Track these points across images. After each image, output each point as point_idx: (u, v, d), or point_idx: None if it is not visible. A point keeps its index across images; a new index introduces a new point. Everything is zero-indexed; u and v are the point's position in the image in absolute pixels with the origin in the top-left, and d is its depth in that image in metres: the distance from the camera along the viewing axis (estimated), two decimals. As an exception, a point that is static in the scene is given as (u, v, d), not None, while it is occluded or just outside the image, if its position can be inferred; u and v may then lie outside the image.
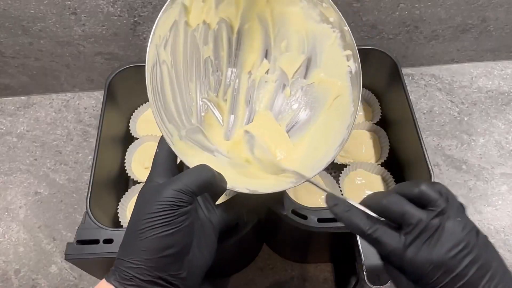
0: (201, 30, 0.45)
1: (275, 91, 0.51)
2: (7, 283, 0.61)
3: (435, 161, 0.71)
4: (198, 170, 0.35)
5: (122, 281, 0.31)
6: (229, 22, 0.47)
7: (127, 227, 0.34)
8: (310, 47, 0.48)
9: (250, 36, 0.49)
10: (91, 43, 0.69)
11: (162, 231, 0.32)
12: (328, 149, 0.43)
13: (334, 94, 0.47)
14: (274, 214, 0.50)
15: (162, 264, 0.32)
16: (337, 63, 0.46)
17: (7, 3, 0.61)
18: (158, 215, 0.32)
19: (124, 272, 0.32)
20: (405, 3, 0.66)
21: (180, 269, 0.33)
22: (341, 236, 0.50)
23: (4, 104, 0.79)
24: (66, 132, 0.75)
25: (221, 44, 0.48)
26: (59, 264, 0.63)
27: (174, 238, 0.32)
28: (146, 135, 0.69)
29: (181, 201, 0.33)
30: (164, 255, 0.32)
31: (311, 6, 0.45)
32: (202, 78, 0.47)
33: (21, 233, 0.65)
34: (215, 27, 0.46)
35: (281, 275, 0.62)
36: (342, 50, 0.45)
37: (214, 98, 0.48)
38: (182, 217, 0.33)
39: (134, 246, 0.32)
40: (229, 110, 0.50)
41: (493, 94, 0.79)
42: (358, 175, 0.65)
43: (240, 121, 0.50)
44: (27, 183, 0.70)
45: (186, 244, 0.34)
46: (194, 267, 0.35)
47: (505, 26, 0.74)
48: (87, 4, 0.62)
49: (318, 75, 0.49)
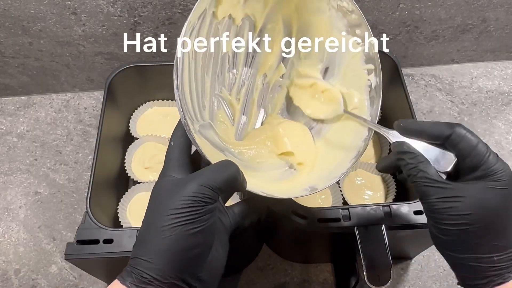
0: (225, 24, 0.43)
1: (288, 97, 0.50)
2: (7, 283, 0.61)
3: (435, 161, 0.71)
4: (224, 165, 0.33)
5: (140, 284, 0.29)
6: (253, 20, 0.46)
7: (143, 223, 0.32)
8: (330, 57, 0.47)
9: (271, 37, 0.48)
10: (91, 43, 0.69)
11: (188, 229, 0.29)
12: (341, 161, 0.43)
13: (351, 106, 0.45)
14: (274, 214, 0.50)
15: (185, 265, 0.30)
16: (357, 76, 0.45)
17: (7, 3, 0.61)
18: (184, 211, 0.30)
19: (142, 273, 0.29)
20: (405, 3, 0.66)
21: (202, 271, 0.31)
22: (341, 236, 0.50)
23: (4, 104, 0.79)
24: (66, 132, 0.75)
25: (241, 42, 0.46)
26: (59, 264, 0.63)
27: (199, 238, 0.30)
28: (146, 135, 0.69)
29: (208, 197, 0.31)
30: (188, 256, 0.30)
31: (340, 16, 0.44)
32: (218, 73, 0.45)
33: (21, 233, 0.65)
34: (239, 22, 0.45)
35: (281, 275, 0.62)
36: (363, 64, 0.44)
37: (227, 95, 0.47)
38: (207, 214, 0.31)
39: (155, 244, 0.30)
40: (241, 110, 0.49)
41: (493, 95, 0.79)
42: (358, 175, 0.65)
43: (251, 123, 0.49)
44: (27, 183, 0.70)
45: (209, 245, 0.32)
46: (213, 269, 0.33)
47: (505, 26, 0.74)
48: (87, 4, 0.62)
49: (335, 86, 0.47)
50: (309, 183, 0.41)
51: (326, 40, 0.46)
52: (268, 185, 0.41)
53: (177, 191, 0.31)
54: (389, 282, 0.45)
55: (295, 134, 0.47)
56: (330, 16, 0.45)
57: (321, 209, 0.50)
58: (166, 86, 0.70)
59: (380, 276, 0.45)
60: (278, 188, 0.41)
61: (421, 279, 0.62)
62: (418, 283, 0.61)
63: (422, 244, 0.60)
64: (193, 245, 0.30)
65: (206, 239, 0.31)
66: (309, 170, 0.44)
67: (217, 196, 0.32)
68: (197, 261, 0.31)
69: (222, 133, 0.45)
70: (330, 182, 0.41)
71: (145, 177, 0.65)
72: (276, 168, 0.45)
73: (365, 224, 0.48)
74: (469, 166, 0.34)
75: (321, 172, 0.43)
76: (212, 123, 0.43)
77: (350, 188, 0.64)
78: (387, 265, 0.45)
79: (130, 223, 0.61)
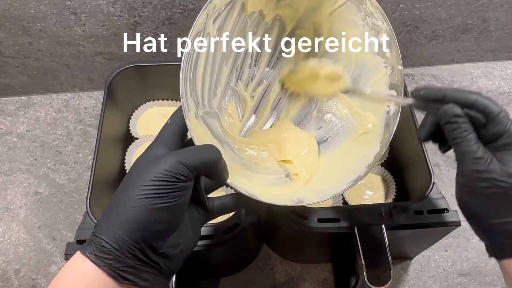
0: (255, 18, 0.43)
1: (305, 107, 0.50)
2: (7, 283, 0.61)
3: (435, 161, 0.71)
4: (206, 148, 0.33)
5: (100, 254, 0.28)
6: (283, 22, 0.45)
7: (115, 193, 0.31)
8: (355, 75, 0.46)
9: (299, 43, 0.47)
10: (91, 43, 0.69)
11: (155, 203, 0.29)
12: (339, 181, 0.42)
13: (363, 129, 0.45)
14: (274, 214, 0.50)
15: (146, 238, 0.29)
16: (377, 100, 0.44)
17: (7, 3, 0.61)
18: (154, 185, 0.29)
19: (102, 241, 0.28)
20: (405, 3, 0.66)
21: (164, 247, 0.31)
22: (341, 236, 0.50)
23: (4, 104, 0.79)
24: (66, 132, 0.75)
25: (268, 41, 0.46)
26: (59, 264, 0.63)
27: (165, 214, 0.30)
28: (146, 135, 0.69)
29: (181, 174, 0.30)
30: (150, 229, 0.29)
31: (372, 34, 0.43)
32: (238, 66, 0.45)
33: (21, 233, 0.65)
34: (269, 21, 0.44)
35: (281, 275, 0.62)
36: (386, 88, 0.44)
37: (242, 90, 0.46)
38: (178, 192, 0.30)
39: (119, 214, 0.29)
40: (253, 109, 0.48)
41: (493, 95, 0.79)
42: (358, 175, 0.65)
43: (260, 123, 0.48)
44: (27, 183, 0.70)
45: (176, 223, 0.32)
46: (177, 250, 0.32)
47: (505, 26, 0.74)
48: (87, 4, 0.62)
49: (353, 106, 0.47)
50: (298, 195, 0.40)
51: (353, 55, 0.45)
52: (256, 186, 0.40)
53: (153, 165, 0.31)
54: (389, 282, 0.44)
55: (300, 144, 0.46)
56: (363, 33, 0.44)
57: (321, 209, 0.50)
58: (166, 86, 0.70)
59: (380, 276, 0.45)
60: (265, 191, 0.40)
61: (421, 279, 0.62)
62: (418, 283, 0.61)
63: (422, 244, 0.60)
64: (157, 220, 0.30)
65: (173, 217, 0.31)
66: (303, 183, 0.43)
67: (192, 175, 0.31)
68: (159, 236, 0.30)
69: (226, 125, 0.44)
70: (320, 199, 0.40)
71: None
72: (271, 173, 0.45)
73: (365, 224, 0.48)
74: (492, 132, 0.35)
75: (314, 187, 0.43)
76: (219, 113, 0.43)
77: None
78: (387, 265, 0.45)
79: (130, 223, 0.61)
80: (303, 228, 0.49)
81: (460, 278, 0.61)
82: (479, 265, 0.62)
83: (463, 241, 0.64)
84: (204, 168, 0.32)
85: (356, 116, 0.47)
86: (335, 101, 0.49)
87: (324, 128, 0.49)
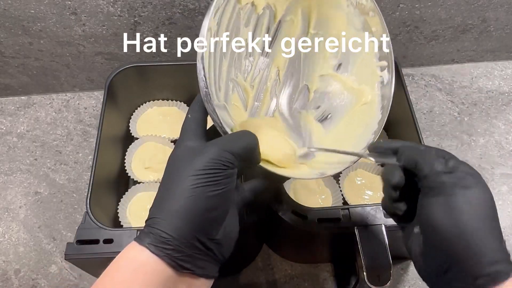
0: (247, 10, 0.44)
1: (300, 90, 0.51)
2: (7, 283, 0.61)
3: (435, 161, 0.71)
4: (244, 133, 0.34)
5: (159, 244, 0.29)
6: (273, 10, 0.46)
7: (160, 188, 0.32)
8: (344, 53, 0.47)
9: (289, 29, 0.48)
10: (91, 43, 0.69)
11: (209, 191, 0.30)
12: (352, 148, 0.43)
13: (361, 101, 0.46)
14: (274, 214, 0.50)
15: (203, 226, 0.30)
16: (370, 72, 0.46)
17: (7, 3, 0.61)
18: (206, 173, 0.30)
19: (161, 232, 0.29)
20: (405, 3, 0.66)
21: (218, 234, 0.31)
22: (341, 236, 0.50)
23: (4, 104, 0.79)
24: (66, 132, 0.75)
25: (260, 31, 0.47)
26: (59, 264, 0.63)
27: (218, 200, 0.31)
28: (146, 135, 0.69)
29: (229, 161, 0.31)
30: (206, 217, 0.30)
31: (357, 13, 0.45)
32: (235, 58, 0.46)
33: (21, 233, 0.65)
34: (260, 11, 0.45)
35: (281, 275, 0.62)
36: (377, 60, 0.45)
37: (242, 81, 0.47)
38: (228, 178, 0.31)
39: (174, 204, 0.30)
40: (254, 97, 0.49)
41: (493, 95, 0.79)
42: (358, 175, 0.65)
43: (263, 110, 0.49)
44: (27, 183, 0.70)
45: (226, 209, 0.32)
46: (228, 235, 0.33)
47: (505, 26, 0.74)
48: (87, 4, 0.62)
49: (347, 82, 0.48)
50: (317, 170, 0.41)
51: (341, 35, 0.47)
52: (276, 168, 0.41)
53: (198, 155, 0.31)
54: (389, 282, 0.45)
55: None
56: (348, 13, 0.45)
57: (321, 209, 0.50)
58: (166, 86, 0.70)
59: (380, 276, 0.45)
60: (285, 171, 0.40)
61: (421, 279, 0.62)
62: (418, 283, 0.61)
63: (422, 244, 0.60)
64: (211, 207, 0.30)
65: (224, 202, 0.32)
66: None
67: (237, 161, 0.32)
68: (214, 223, 0.31)
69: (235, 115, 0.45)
70: (338, 169, 0.41)
71: (145, 177, 0.65)
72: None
73: (365, 224, 0.48)
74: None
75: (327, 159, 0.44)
76: (227, 105, 0.44)
77: (350, 188, 0.64)
78: (387, 265, 0.45)
79: (130, 223, 0.61)
80: (303, 228, 0.49)
81: (460, 278, 0.61)
82: (479, 265, 0.62)
83: (463, 241, 0.64)
84: (245, 154, 0.33)
85: (351, 91, 0.48)
86: (329, 79, 0.50)
87: (323, 107, 0.50)
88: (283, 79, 0.50)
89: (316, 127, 0.49)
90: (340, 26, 0.46)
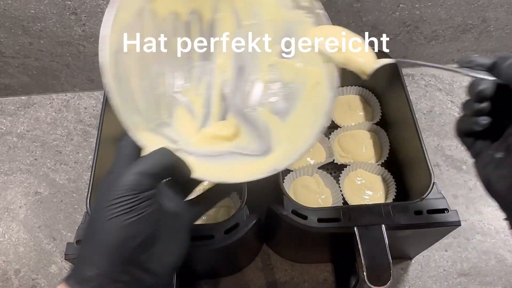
0: (170, 21, 0.42)
1: (252, 84, 0.48)
2: (7, 283, 0.61)
3: (435, 161, 0.71)
4: (158, 152, 0.33)
5: (83, 283, 0.28)
6: (200, 13, 0.45)
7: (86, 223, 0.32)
8: (284, 37, 0.45)
9: (223, 28, 0.46)
10: (91, 43, 0.69)
11: (126, 219, 0.29)
12: (306, 138, 0.41)
13: (312, 83, 0.44)
14: (274, 214, 0.50)
15: (128, 256, 0.29)
16: (313, 52, 0.43)
17: (7, 3, 0.61)
18: (119, 201, 0.29)
19: (85, 271, 0.28)
20: (405, 3, 0.66)
21: (147, 261, 0.30)
22: (341, 236, 0.50)
23: (4, 104, 0.79)
24: (66, 132, 0.75)
25: (193, 36, 0.45)
26: (59, 264, 0.63)
27: (139, 226, 0.30)
28: (146, 135, 0.68)
29: (141, 184, 0.30)
30: (130, 246, 0.29)
31: None
32: (174, 70, 0.44)
33: (21, 233, 0.65)
34: (185, 18, 0.44)
35: (281, 275, 0.62)
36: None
37: (188, 91, 0.46)
38: (145, 202, 0.30)
39: (95, 239, 0.29)
40: (203, 105, 0.47)
41: (493, 94, 0.79)
42: (358, 175, 0.65)
43: (215, 116, 0.48)
44: (27, 183, 0.70)
45: (151, 234, 0.31)
46: (162, 262, 0.32)
47: (505, 26, 0.74)
48: (87, 4, 0.62)
49: (294, 66, 0.46)
50: (272, 166, 0.40)
51: (275, 19, 0.45)
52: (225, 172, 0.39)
53: (114, 184, 0.30)
54: (389, 282, 0.44)
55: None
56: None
57: (321, 209, 0.50)
58: (166, 86, 0.70)
59: (380, 276, 0.45)
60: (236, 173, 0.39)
61: (421, 279, 0.62)
62: (418, 283, 0.61)
63: (422, 244, 0.60)
64: (131, 235, 0.29)
65: (147, 227, 0.31)
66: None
67: (153, 182, 0.31)
68: (141, 250, 0.30)
69: (182, 128, 0.43)
70: (293, 160, 0.40)
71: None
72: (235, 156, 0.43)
73: (365, 224, 0.48)
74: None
75: (285, 152, 0.42)
76: (171, 120, 0.42)
77: (350, 188, 0.64)
78: (387, 265, 0.45)
79: (130, 223, 0.61)
80: (303, 228, 0.49)
81: (460, 278, 0.61)
82: (479, 265, 0.62)
83: (463, 241, 0.64)
84: (163, 171, 0.32)
85: (300, 74, 0.46)
86: (278, 67, 0.48)
87: (276, 97, 0.48)
88: (232, 78, 0.48)
89: (272, 121, 0.47)
90: (271, 10, 0.44)
